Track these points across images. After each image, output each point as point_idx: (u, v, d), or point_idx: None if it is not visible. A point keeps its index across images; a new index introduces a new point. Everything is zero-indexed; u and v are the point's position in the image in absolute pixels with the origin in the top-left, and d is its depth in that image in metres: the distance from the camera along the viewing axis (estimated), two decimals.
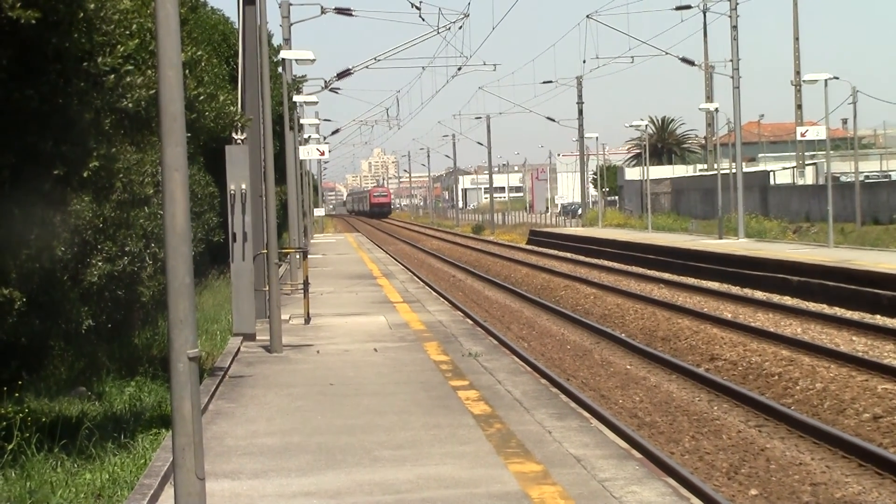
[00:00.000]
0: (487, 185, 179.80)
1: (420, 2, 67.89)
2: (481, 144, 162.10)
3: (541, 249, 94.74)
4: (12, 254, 18.22)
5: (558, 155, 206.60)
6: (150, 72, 17.68)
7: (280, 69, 51.70)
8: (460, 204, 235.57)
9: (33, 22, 16.40)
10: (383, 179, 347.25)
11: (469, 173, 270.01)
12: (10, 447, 18.28)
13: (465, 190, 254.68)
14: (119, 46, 18.76)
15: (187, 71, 20.82)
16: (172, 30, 11.01)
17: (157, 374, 24.36)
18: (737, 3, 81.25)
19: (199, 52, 25.25)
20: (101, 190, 22.03)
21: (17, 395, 21.67)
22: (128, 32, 18.84)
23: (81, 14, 17.69)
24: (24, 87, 16.93)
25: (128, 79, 18.87)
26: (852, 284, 45.16)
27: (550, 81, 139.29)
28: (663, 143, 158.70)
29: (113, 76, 18.69)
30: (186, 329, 11.05)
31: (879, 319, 38.85)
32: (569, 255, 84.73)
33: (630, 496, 14.27)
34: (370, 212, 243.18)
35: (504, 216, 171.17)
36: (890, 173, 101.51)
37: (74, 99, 17.95)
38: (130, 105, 19.15)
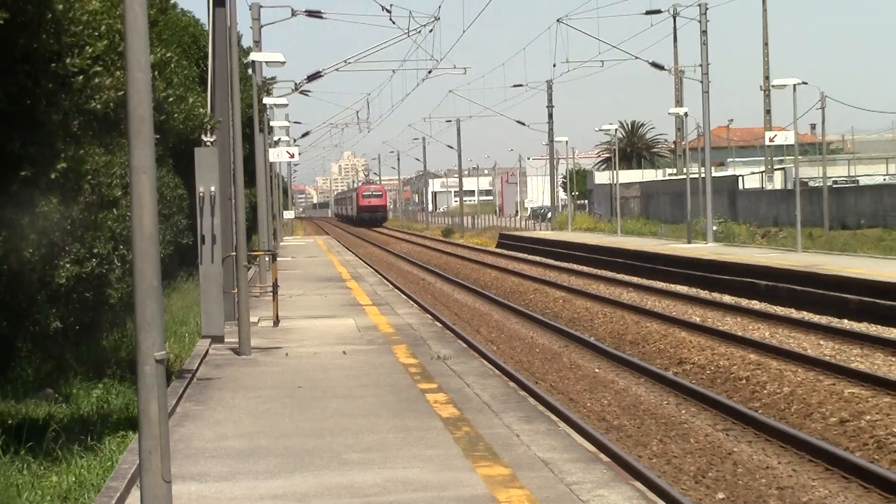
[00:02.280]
0: (457, 189, 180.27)
1: (390, 5, 67.92)
2: (451, 148, 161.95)
3: (510, 253, 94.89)
4: None
5: (528, 158, 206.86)
6: (118, 73, 17.66)
7: (250, 71, 51.80)
8: (430, 207, 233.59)
9: (1, 23, 16.38)
10: (353, 182, 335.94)
11: (439, 176, 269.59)
12: None
13: (435, 193, 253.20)
14: (88, 48, 18.75)
15: (156, 72, 20.81)
16: (141, 31, 10.99)
17: (125, 376, 24.31)
18: (706, 8, 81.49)
19: (169, 54, 25.21)
20: (69, 192, 22.01)
21: None
22: (96, 34, 18.83)
23: (50, 15, 17.67)
24: None
25: (96, 80, 18.86)
26: (820, 289, 45.34)
27: (521, 85, 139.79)
28: (633, 148, 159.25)
29: (81, 77, 18.67)
30: (154, 331, 11.03)
31: (847, 324, 39.01)
32: (538, 258, 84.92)
33: (597, 500, 14.29)
34: (358, 217, 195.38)
35: (474, 219, 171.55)
36: (858, 178, 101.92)
37: (42, 100, 17.93)
38: (99, 106, 19.13)
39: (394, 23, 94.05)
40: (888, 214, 71.90)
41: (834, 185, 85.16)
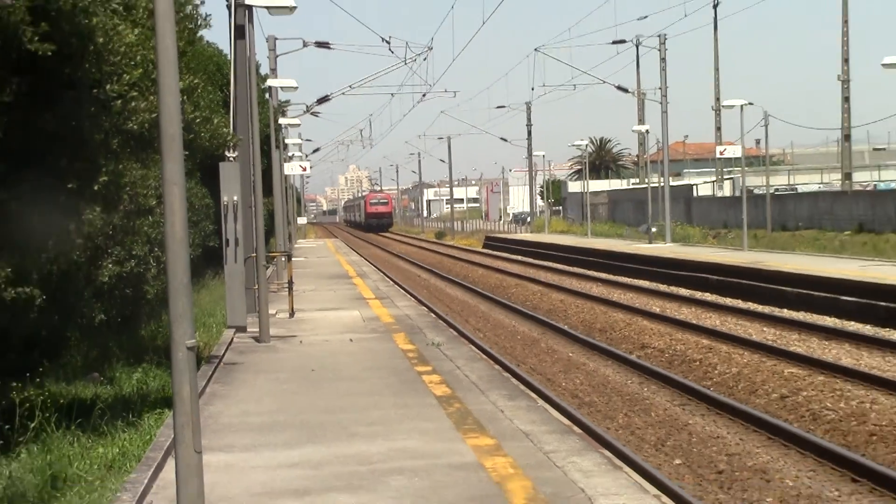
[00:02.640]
0: (448, 197, 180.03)
1: (389, 36, 67.91)
2: (443, 161, 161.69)
3: (495, 253, 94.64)
4: (33, 258, 18.22)
5: (510, 170, 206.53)
6: (152, 97, 17.67)
7: (267, 95, 51.61)
8: (425, 213, 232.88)
9: (49, 54, 16.40)
10: (358, 192, 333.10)
11: (433, 186, 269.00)
12: (33, 426, 18.27)
13: (429, 201, 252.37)
14: (125, 75, 18.76)
15: (185, 97, 20.81)
16: (171, 61, 11.04)
17: (161, 361, 24.34)
18: (665, 38, 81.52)
19: (196, 81, 25.20)
20: (110, 201, 22.00)
21: (38, 380, 21.62)
22: (133, 63, 18.84)
23: (92, 47, 17.69)
24: (42, 111, 16.93)
25: (133, 104, 18.87)
26: (763, 282, 45.34)
27: (503, 106, 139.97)
28: (601, 161, 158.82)
29: (120, 101, 18.68)
30: (185, 322, 11.08)
31: (786, 313, 39.01)
32: (519, 257, 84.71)
33: (571, 465, 14.34)
34: (366, 223, 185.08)
35: (463, 224, 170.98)
36: (796, 187, 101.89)
37: (86, 122, 17.95)
38: (135, 127, 19.15)
39: (392, 52, 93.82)
40: (822, 217, 71.90)
41: (775, 193, 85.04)
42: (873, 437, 20.81)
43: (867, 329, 33.88)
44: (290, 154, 66.95)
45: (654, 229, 77.70)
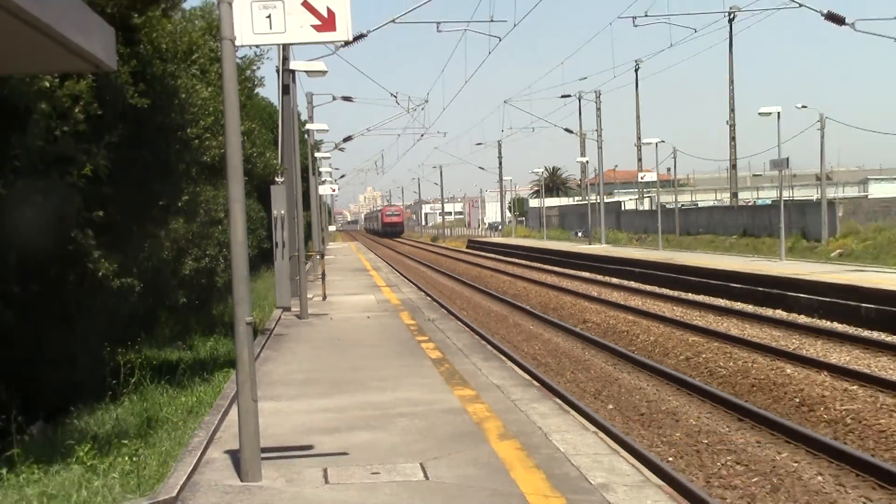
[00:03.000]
0: (440, 210, 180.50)
1: (396, 92, 68.09)
2: (436, 184, 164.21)
3: (475, 252, 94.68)
4: (133, 256, 18.23)
5: (486, 191, 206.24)
6: (220, 138, 17.68)
7: (306, 136, 51.68)
8: (423, 223, 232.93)
9: (146, 106, 16.39)
10: (374, 207, 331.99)
11: (429, 202, 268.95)
12: (133, 381, 18.24)
13: (426, 213, 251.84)
14: (201, 121, 18.81)
15: (245, 138, 20.87)
16: (235, 111, 11.03)
17: (227, 333, 24.32)
18: (599, 93, 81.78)
19: (253, 126, 25.44)
20: (190, 215, 22.10)
21: (137, 347, 21.60)
22: (206, 112, 18.88)
23: (177, 101, 17.72)
24: (140, 148, 16.93)
25: (207, 143, 18.93)
26: (672, 273, 45.43)
27: (481, 143, 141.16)
28: (553, 183, 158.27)
29: (197, 141, 18.73)
30: (245, 304, 11.07)
31: (690, 296, 39.09)
32: (493, 255, 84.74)
33: (531, 410, 14.32)
34: (382, 231, 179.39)
35: (451, 230, 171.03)
36: (697, 202, 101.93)
37: (173, 156, 17.97)
38: (208, 159, 19.21)
39: (398, 103, 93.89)
40: (716, 225, 71.89)
41: (682, 207, 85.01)
42: (754, 387, 20.91)
43: (749, 308, 33.99)
44: (322, 179, 66.80)
45: (582, 234, 77.67)
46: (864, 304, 29.31)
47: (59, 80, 14.31)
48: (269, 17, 11.00)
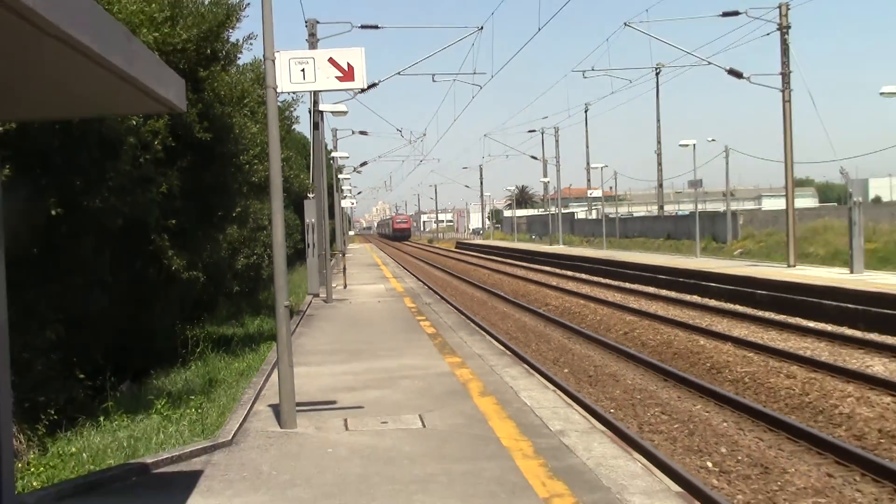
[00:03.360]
0: (435, 219, 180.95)
1: (401, 128, 68.62)
2: (432, 198, 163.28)
3: (462, 251, 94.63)
4: (198, 254, 18.22)
5: (470, 204, 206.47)
6: (265, 163, 17.66)
7: (331, 161, 51.59)
8: (422, 228, 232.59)
9: (208, 139, 16.40)
10: (385, 215, 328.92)
11: (426, 213, 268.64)
12: (198, 350, 18.26)
13: (424, 221, 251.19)
14: (251, 150, 18.81)
15: (284, 163, 20.91)
16: (276, 143, 11.04)
17: (271, 314, 24.28)
18: (557, 129, 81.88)
19: (291, 154, 25.50)
20: (242, 223, 22.12)
21: (201, 324, 21.63)
22: (254, 144, 18.89)
23: (232, 135, 17.71)
24: (203, 171, 16.94)
25: (255, 167, 18.92)
26: (613, 267, 45.45)
27: (466, 167, 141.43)
28: (522, 198, 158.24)
29: (248, 166, 18.74)
30: (283, 291, 11.07)
31: (627, 285, 39.09)
32: (476, 254, 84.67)
33: (504, 373, 14.33)
34: (392, 235, 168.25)
35: (443, 234, 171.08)
36: (632, 213, 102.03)
37: (229, 177, 18.00)
38: (256, 180, 19.20)
39: (402, 136, 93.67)
40: (647, 230, 71.95)
41: (621, 217, 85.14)
42: (675, 355, 20.93)
43: (672, 294, 34.01)
44: (344, 195, 66.78)
45: (540, 237, 77.66)
46: (758, 291, 29.38)
47: (143, 120, 14.33)
48: (302, 70, 11.02)
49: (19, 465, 9.95)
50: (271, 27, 10.95)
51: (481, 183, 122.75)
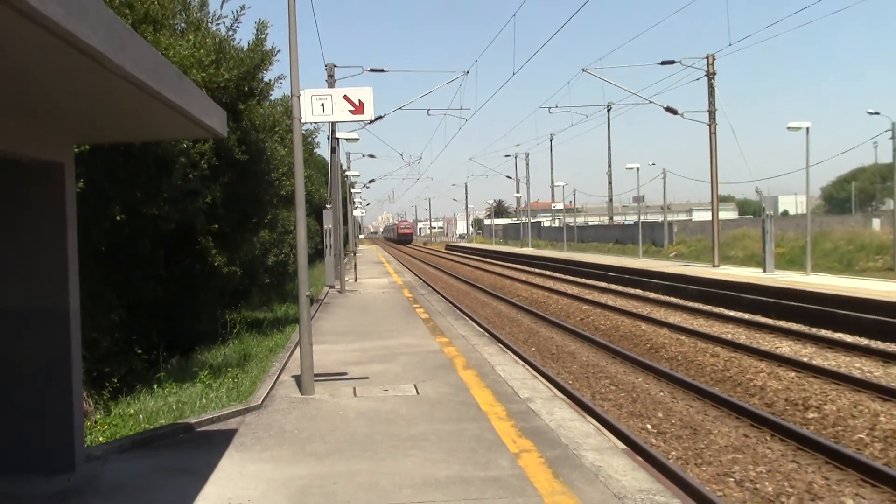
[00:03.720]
0: (429, 225, 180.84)
1: (402, 152, 68.44)
2: (426, 209, 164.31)
3: (451, 252, 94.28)
4: (237, 254, 18.17)
5: (457, 213, 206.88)
6: (291, 180, 17.62)
7: (345, 178, 51.49)
8: (418, 234, 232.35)
9: (245, 158, 16.35)
10: (390, 222, 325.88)
11: (422, 221, 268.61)
12: (235, 331, 18.19)
13: (420, 228, 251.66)
14: (280, 169, 18.76)
15: (307, 180, 20.82)
16: (300, 163, 10.99)
17: (295, 302, 24.23)
18: (528, 155, 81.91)
19: (312, 172, 25.46)
20: (273, 227, 22.02)
21: (238, 310, 21.54)
22: (283, 164, 18.84)
23: (265, 156, 17.65)
24: (241, 185, 16.88)
25: (283, 182, 18.85)
26: (573, 266, 45.42)
27: (455, 184, 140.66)
28: (500, 209, 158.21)
29: (277, 182, 18.66)
30: (305, 283, 11.02)
31: (583, 280, 39.07)
32: (462, 254, 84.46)
33: (483, 351, 14.30)
34: (397, 239, 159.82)
35: (436, 238, 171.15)
36: (588, 222, 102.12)
37: (262, 190, 17.93)
38: (284, 193, 19.13)
39: (403, 159, 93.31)
40: (600, 237, 72.06)
41: (579, 225, 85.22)
42: (622, 337, 20.90)
43: (620, 288, 33.98)
44: (355, 206, 66.73)
45: (512, 240, 77.54)
46: (689, 286, 29.41)
47: (192, 143, 14.28)
48: (322, 105, 10.98)
49: (88, 423, 9.90)
50: (297, 70, 10.92)
51: (466, 197, 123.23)
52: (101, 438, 9.24)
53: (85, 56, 4.57)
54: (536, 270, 49.31)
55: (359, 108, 10.96)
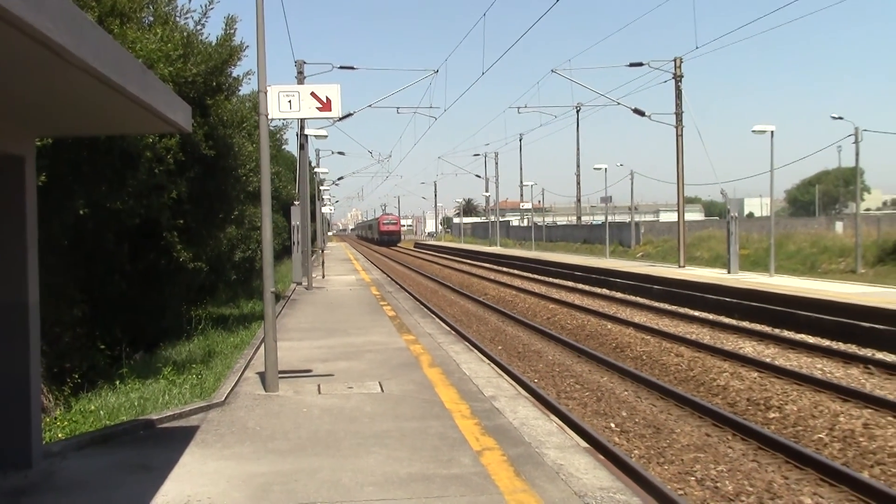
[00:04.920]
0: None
1: (371, 150, 68.55)
2: (395, 207, 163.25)
3: (420, 251, 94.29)
4: (203, 249, 18.01)
5: (427, 212, 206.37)
6: (259, 175, 17.55)
7: (314, 175, 51.24)
8: None
9: (212, 154, 16.22)
10: (359, 220, 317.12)
11: None
12: (200, 327, 18.04)
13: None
14: (247, 165, 18.63)
15: (275, 176, 20.69)
16: (267, 159, 10.92)
17: (262, 298, 24.14)
18: (497, 154, 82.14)
19: (280, 169, 25.26)
20: (239, 224, 21.84)
21: (204, 306, 21.37)
22: (251, 160, 18.70)
23: (232, 152, 17.53)
24: (208, 181, 16.75)
25: (251, 178, 18.72)
26: (541, 265, 45.55)
27: (424, 182, 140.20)
28: (468, 208, 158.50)
29: (244, 177, 18.53)
30: (270, 280, 10.96)
31: (550, 279, 39.22)
32: (430, 252, 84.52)
33: (450, 349, 14.29)
34: (379, 239, 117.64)
35: (405, 236, 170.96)
36: (556, 221, 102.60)
37: (229, 186, 17.80)
38: (252, 189, 19.02)
39: (372, 156, 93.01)
40: (568, 236, 72.37)
41: (547, 225, 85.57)
42: (588, 336, 21.01)
43: (587, 287, 34.12)
44: (324, 203, 66.37)
45: (480, 237, 77.70)
46: (654, 286, 29.62)
47: (158, 138, 14.15)
48: (289, 101, 10.92)
49: (47, 419, 9.77)
50: (264, 66, 10.85)
51: (435, 196, 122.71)
52: (60, 435, 9.12)
53: (44, 48, 4.51)
54: (504, 269, 49.39)
55: (326, 105, 10.91)
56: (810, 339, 18.84)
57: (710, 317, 23.32)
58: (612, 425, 12.11)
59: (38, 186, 9.43)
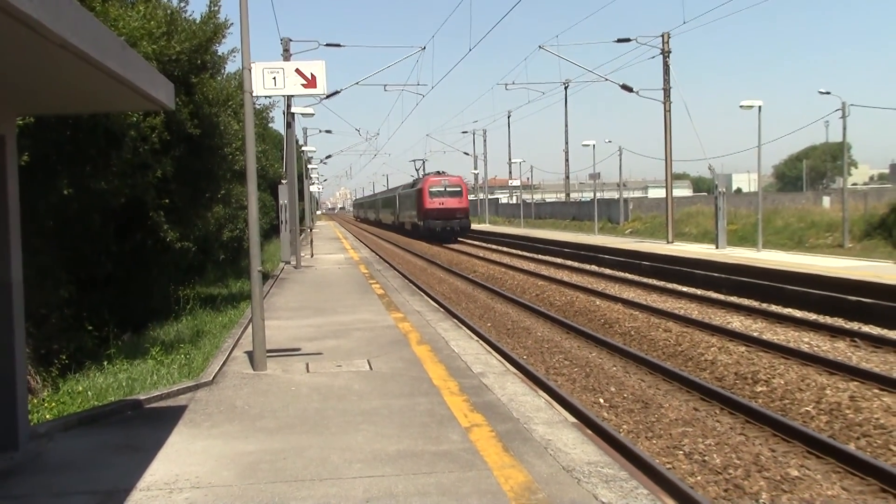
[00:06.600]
0: None
1: (359, 128, 68.48)
2: (384, 186, 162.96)
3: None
4: (190, 229, 17.93)
5: None
6: (244, 155, 17.44)
7: (301, 153, 51.05)
8: None
9: (198, 133, 16.11)
10: (348, 200, 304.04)
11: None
12: (188, 307, 17.99)
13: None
14: (233, 143, 18.51)
15: (261, 154, 20.61)
16: (252, 137, 10.85)
17: (249, 278, 24.09)
18: (486, 131, 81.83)
19: (266, 147, 25.11)
20: (226, 203, 21.71)
21: (192, 286, 21.29)
22: (237, 138, 18.58)
23: (218, 130, 17.40)
24: (194, 160, 16.64)
25: (237, 157, 18.61)
26: (529, 242, 45.55)
27: (412, 160, 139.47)
28: None
29: (231, 156, 18.42)
30: (257, 259, 10.92)
31: (539, 256, 39.21)
32: None
33: (438, 326, 14.29)
34: (426, 228, 54.30)
35: None
36: (545, 199, 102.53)
37: (215, 165, 17.69)
38: (238, 168, 18.91)
39: (360, 134, 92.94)
40: (557, 213, 72.37)
41: (536, 202, 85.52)
42: (577, 313, 21.00)
43: (575, 264, 34.13)
44: (312, 181, 66.19)
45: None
46: (643, 262, 29.68)
47: (143, 116, 14.03)
48: (274, 78, 10.82)
49: (35, 401, 9.73)
50: (248, 43, 10.75)
51: (424, 173, 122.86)
52: (48, 416, 9.08)
53: (20, 24, 4.43)
54: (493, 247, 49.34)
55: (311, 82, 10.81)
56: (797, 314, 18.93)
57: (699, 292, 23.38)
58: (601, 401, 12.14)
59: (22, 167, 9.34)
